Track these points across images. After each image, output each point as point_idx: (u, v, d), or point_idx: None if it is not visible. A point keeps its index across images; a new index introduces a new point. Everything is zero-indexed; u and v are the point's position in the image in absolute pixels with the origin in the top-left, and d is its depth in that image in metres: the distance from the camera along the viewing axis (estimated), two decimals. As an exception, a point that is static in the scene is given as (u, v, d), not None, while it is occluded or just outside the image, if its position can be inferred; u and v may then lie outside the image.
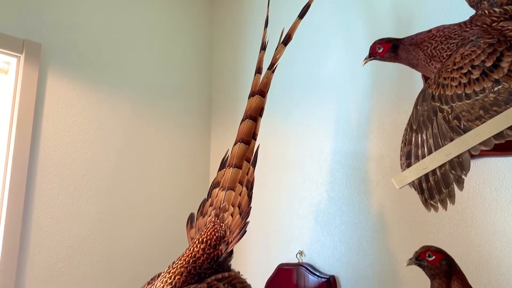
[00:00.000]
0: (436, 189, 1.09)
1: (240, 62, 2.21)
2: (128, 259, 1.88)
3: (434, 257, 1.13)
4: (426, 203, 1.11)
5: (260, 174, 1.48)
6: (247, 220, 1.33)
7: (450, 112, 1.08)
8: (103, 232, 1.83)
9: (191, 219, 1.52)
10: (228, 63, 2.29)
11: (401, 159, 1.16)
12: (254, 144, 1.44)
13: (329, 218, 1.68)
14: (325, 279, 1.61)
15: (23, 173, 1.66)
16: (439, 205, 1.09)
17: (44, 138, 1.74)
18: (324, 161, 1.73)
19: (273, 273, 1.79)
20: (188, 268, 1.27)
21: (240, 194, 1.38)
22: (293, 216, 1.81)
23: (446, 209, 1.08)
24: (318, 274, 1.65)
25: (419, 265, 1.15)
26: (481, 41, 1.08)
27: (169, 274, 1.27)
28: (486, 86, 1.03)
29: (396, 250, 1.48)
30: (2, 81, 1.73)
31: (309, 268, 1.68)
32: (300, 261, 1.73)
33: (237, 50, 2.24)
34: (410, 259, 1.16)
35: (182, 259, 1.32)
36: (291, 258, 1.77)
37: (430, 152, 1.10)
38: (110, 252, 1.84)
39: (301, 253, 1.75)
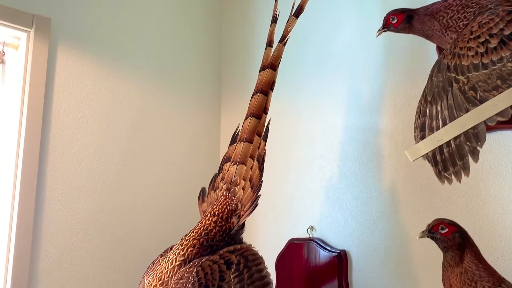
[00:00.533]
0: (451, 161, 1.08)
1: (251, 36, 2.18)
2: (141, 232, 1.90)
3: (447, 230, 1.12)
4: (440, 175, 1.10)
5: (271, 149, 1.48)
6: (259, 194, 1.33)
7: (466, 82, 1.06)
8: (116, 206, 1.84)
9: (202, 194, 1.53)
10: (238, 36, 2.26)
11: (415, 131, 1.15)
12: (265, 118, 1.43)
13: (340, 193, 1.68)
14: (336, 254, 1.62)
15: (35, 148, 1.68)
16: (453, 177, 1.08)
17: (55, 114, 1.74)
18: (336, 136, 1.72)
19: (283, 248, 1.80)
20: (201, 240, 1.29)
21: (251, 168, 1.38)
22: (304, 192, 1.81)
23: (460, 181, 1.06)
24: (329, 248, 1.65)
25: (432, 238, 1.15)
26: (500, 9, 1.05)
27: (181, 246, 1.29)
28: (504, 55, 1.01)
29: (408, 225, 1.48)
30: (13, 56, 1.73)
31: (320, 242, 1.69)
32: (311, 236, 1.74)
33: (247, 23, 2.21)
34: (423, 231, 1.16)
35: (195, 231, 1.33)
36: (301, 233, 1.78)
37: (444, 124, 1.08)
38: (123, 225, 1.86)
39: (312, 228, 1.75)
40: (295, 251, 1.76)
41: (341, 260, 1.61)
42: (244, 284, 1.15)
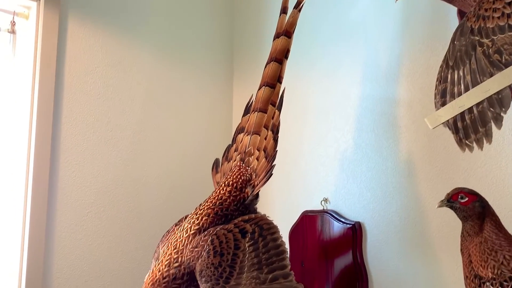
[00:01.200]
0: (472, 128, 1.04)
1: (264, 3, 2.12)
2: (155, 203, 1.91)
3: (467, 199, 1.10)
4: (460, 143, 1.07)
5: (285, 121, 1.45)
6: (273, 164, 1.32)
7: (490, 46, 1.01)
8: (129, 178, 1.85)
9: (216, 165, 1.52)
10: (251, 4, 2.21)
11: (435, 98, 1.11)
12: (280, 87, 1.40)
13: (355, 165, 1.66)
14: (350, 225, 1.61)
15: (48, 119, 1.67)
16: (474, 145, 1.05)
17: (67, 85, 1.73)
18: (351, 107, 1.69)
19: (297, 220, 1.79)
20: (215, 209, 1.28)
21: (265, 138, 1.37)
22: (318, 164, 1.79)
23: (482, 149, 1.03)
24: (343, 220, 1.64)
25: (451, 207, 1.12)
26: (529, -33, 1.00)
27: (196, 215, 1.28)
28: (532, 16, 0.96)
29: (425, 196, 1.45)
30: (23, 26, 1.71)
31: (334, 214, 1.68)
32: (325, 208, 1.73)
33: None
34: (442, 201, 1.13)
35: (209, 201, 1.32)
36: (315, 205, 1.77)
37: (467, 89, 1.04)
38: (137, 197, 1.86)
39: (326, 200, 1.74)
40: (308, 223, 1.75)
41: (355, 231, 1.60)
42: (259, 253, 1.15)
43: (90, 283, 1.72)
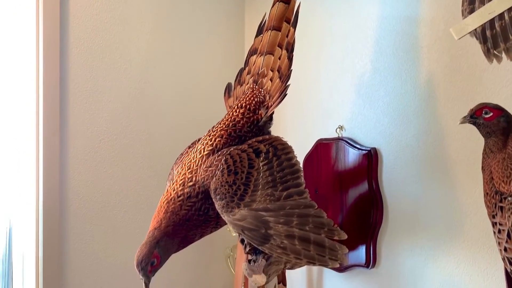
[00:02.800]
0: (502, 36, 0.97)
1: None
2: (167, 130, 1.90)
3: (491, 114, 1.05)
4: (488, 53, 1.00)
5: (299, 45, 1.38)
6: (288, 84, 1.27)
7: None
8: (141, 105, 1.83)
9: (228, 89, 1.48)
10: None
11: (462, 5, 1.03)
12: (295, 2, 1.33)
13: (372, 90, 1.60)
14: (366, 151, 1.58)
15: (55, 47, 1.64)
16: (503, 55, 0.99)
17: (73, 10, 1.67)
18: (370, 28, 1.60)
19: (311, 148, 1.77)
20: (228, 131, 1.26)
21: (279, 58, 1.31)
22: (333, 90, 1.73)
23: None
24: (358, 147, 1.61)
25: (474, 123, 1.08)
26: None
27: (209, 137, 1.26)
28: None
29: (445, 119, 1.40)
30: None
31: (349, 141, 1.64)
32: (340, 136, 1.69)
33: None
34: (464, 117, 1.09)
35: (222, 123, 1.30)
36: (330, 133, 1.73)
37: (498, -7, 0.96)
38: (149, 124, 1.85)
39: (341, 127, 1.70)
40: (323, 151, 1.73)
41: (371, 157, 1.57)
42: (274, 171, 1.13)
43: (107, 209, 1.75)
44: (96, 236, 1.74)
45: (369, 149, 1.58)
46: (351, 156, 1.62)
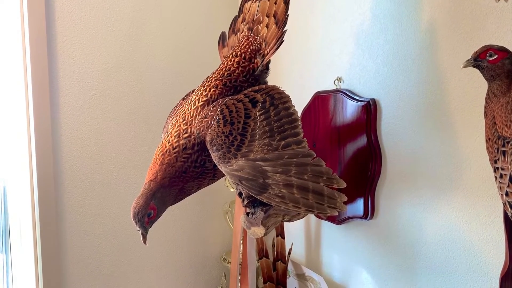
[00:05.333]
0: (511, -29, 0.92)
1: None
2: (160, 84, 1.86)
3: (496, 56, 1.01)
4: (495, -9, 0.95)
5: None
6: (285, 29, 1.22)
7: None
8: (132, 59, 1.77)
9: (222, 38, 1.42)
10: None
11: None
12: None
13: (371, 38, 1.55)
14: (365, 102, 1.54)
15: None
16: (511, -8, 0.94)
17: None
18: (369, -27, 1.53)
19: (309, 102, 1.73)
20: (223, 81, 1.21)
21: (275, 3, 1.25)
22: (331, 41, 1.68)
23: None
24: (357, 98, 1.57)
25: (477, 67, 1.04)
26: None
27: (204, 87, 1.22)
28: None
29: (446, 66, 1.36)
30: None
31: (347, 93, 1.60)
32: (338, 88, 1.65)
33: None
34: (468, 60, 1.05)
35: (216, 73, 1.25)
36: (328, 86, 1.69)
37: None
38: (142, 78, 1.81)
39: (339, 79, 1.66)
40: (321, 104, 1.69)
41: (369, 109, 1.54)
42: (271, 121, 1.09)
43: (101, 165, 1.73)
44: (92, 193, 1.73)
45: (368, 100, 1.54)
46: (350, 108, 1.59)
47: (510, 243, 1.11)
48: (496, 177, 0.99)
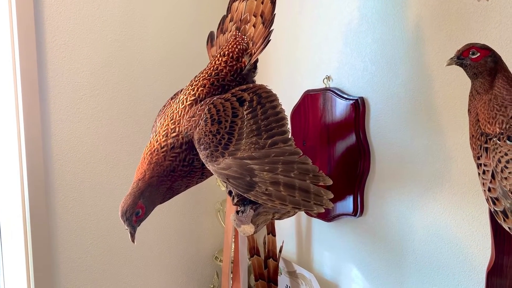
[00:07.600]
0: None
1: None
2: (150, 84, 1.86)
3: (478, 54, 1.02)
4: (477, -10, 0.97)
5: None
6: (271, 29, 1.23)
7: None
8: (122, 58, 1.78)
9: (211, 38, 1.43)
10: None
11: None
12: None
13: (359, 37, 1.56)
14: (353, 101, 1.56)
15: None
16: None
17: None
18: (356, -27, 1.54)
19: (298, 100, 1.74)
20: (211, 80, 1.22)
21: (262, 3, 1.26)
22: (320, 40, 1.69)
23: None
24: (346, 96, 1.59)
25: (461, 65, 1.05)
26: None
27: (191, 86, 1.23)
28: None
29: (432, 64, 1.38)
30: None
31: (336, 91, 1.62)
32: (327, 86, 1.67)
33: None
34: (451, 58, 1.06)
35: (204, 72, 1.26)
36: (318, 84, 1.71)
37: None
38: (132, 78, 1.81)
39: (328, 78, 1.67)
40: (310, 103, 1.70)
41: (358, 106, 1.55)
42: (258, 120, 1.10)
43: (92, 165, 1.74)
44: (83, 193, 1.74)
45: (356, 98, 1.56)
46: (339, 106, 1.60)
47: (496, 238, 1.13)
48: (479, 173, 1.01)
